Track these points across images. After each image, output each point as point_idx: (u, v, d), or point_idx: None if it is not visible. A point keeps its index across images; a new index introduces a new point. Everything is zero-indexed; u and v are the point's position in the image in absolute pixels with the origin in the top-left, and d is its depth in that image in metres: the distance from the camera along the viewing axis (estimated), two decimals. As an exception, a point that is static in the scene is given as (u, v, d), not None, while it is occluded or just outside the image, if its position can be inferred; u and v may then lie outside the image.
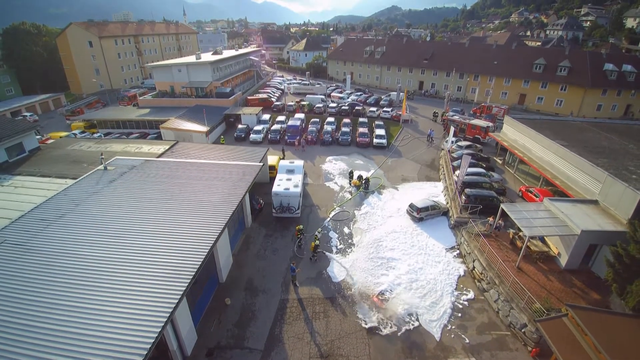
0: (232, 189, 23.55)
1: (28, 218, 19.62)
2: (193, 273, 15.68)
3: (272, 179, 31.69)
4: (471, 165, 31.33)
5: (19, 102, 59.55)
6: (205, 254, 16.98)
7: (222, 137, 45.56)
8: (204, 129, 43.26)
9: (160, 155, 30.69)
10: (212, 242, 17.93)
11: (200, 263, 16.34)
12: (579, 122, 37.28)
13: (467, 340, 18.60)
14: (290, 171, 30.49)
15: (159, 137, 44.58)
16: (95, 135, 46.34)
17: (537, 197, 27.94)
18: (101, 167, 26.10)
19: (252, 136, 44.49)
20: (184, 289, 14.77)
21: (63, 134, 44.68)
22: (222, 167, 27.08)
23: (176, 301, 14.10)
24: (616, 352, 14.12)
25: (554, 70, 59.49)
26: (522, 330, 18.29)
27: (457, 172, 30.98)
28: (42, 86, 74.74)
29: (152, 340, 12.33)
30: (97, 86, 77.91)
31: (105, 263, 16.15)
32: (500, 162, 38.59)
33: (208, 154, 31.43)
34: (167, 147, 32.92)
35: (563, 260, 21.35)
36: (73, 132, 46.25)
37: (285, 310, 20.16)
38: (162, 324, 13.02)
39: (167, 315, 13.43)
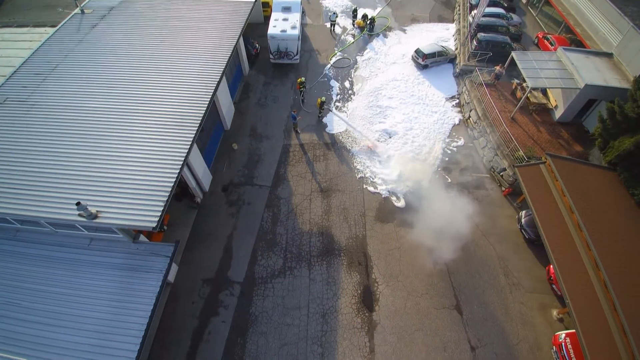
0: (224, 32, 21.50)
1: (21, 73, 18.39)
2: (200, 120, 16.20)
3: (267, 18, 28.54)
4: (490, 4, 27.82)
5: None
6: (208, 101, 17.09)
7: None
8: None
9: (136, -12, 26.45)
10: (213, 89, 17.75)
11: (204, 110, 16.65)
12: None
13: (450, 180, 21.11)
14: (287, 9, 27.13)
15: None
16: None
17: (552, 45, 26.15)
18: (77, 10, 22.99)
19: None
20: (193, 134, 15.57)
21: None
22: (209, 6, 23.80)
23: (189, 145, 15.10)
24: (579, 196, 15.59)
25: None
26: (501, 174, 20.54)
27: (473, 12, 27.83)
28: None
29: (174, 178, 13.88)
30: None
31: (113, 113, 16.26)
32: (524, 1, 34.15)
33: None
34: (142, -25, 27.93)
35: (558, 113, 21.91)
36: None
37: (288, 154, 21.91)
38: (180, 165, 14.37)
39: (183, 157, 14.64)
